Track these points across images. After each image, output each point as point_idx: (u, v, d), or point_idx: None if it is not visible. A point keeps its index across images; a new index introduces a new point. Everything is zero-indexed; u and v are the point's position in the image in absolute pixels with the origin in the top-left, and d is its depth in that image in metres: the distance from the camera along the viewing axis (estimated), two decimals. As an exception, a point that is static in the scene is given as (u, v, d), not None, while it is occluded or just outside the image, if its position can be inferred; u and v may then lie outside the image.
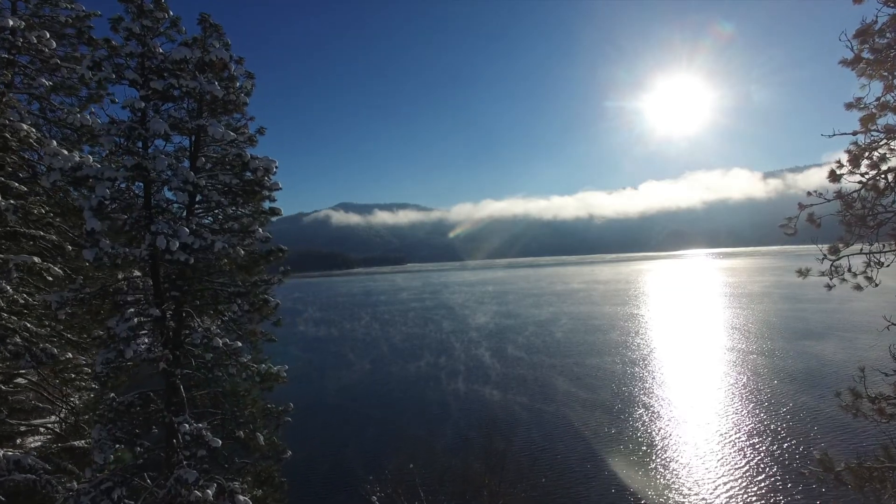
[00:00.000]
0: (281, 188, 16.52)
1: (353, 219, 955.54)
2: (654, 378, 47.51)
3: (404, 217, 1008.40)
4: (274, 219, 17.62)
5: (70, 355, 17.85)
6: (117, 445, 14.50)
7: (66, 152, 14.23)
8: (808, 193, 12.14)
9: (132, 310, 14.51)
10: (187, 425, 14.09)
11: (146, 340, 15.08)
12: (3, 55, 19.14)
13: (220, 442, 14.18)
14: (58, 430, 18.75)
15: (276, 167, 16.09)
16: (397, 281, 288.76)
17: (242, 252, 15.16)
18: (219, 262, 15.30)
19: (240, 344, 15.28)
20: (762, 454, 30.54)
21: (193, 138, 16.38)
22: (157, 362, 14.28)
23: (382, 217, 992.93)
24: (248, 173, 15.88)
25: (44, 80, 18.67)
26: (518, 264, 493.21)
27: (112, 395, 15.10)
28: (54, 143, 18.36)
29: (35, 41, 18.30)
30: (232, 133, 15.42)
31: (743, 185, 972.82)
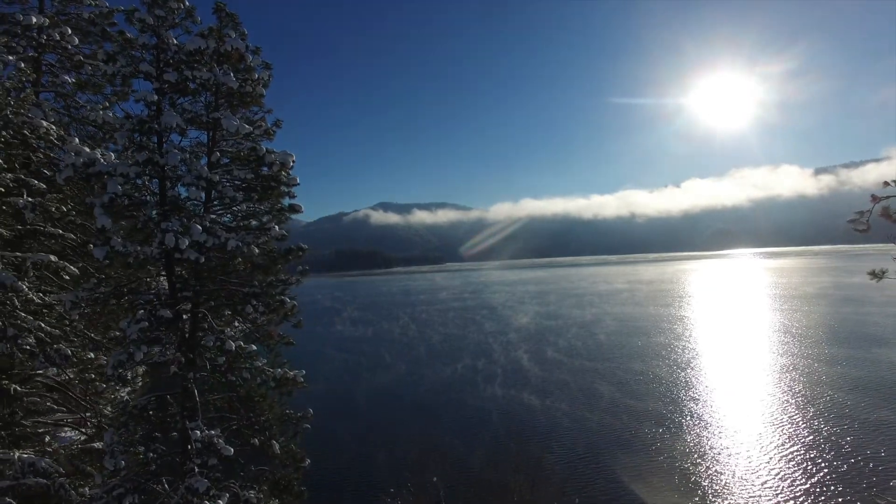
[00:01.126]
0: (299, 184, 15.72)
1: (393, 218, 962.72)
2: (705, 386, 45.04)
3: (443, 216, 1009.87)
4: (294, 216, 16.92)
5: (92, 355, 17.62)
6: (130, 449, 14.02)
7: (87, 149, 13.83)
8: (886, 184, 10.49)
9: (142, 311, 13.99)
10: (199, 432, 13.48)
11: (160, 342, 14.58)
12: (29, 53, 19.18)
13: (233, 450, 13.51)
14: (81, 431, 18.58)
15: (294, 161, 15.32)
16: (437, 280, 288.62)
17: (257, 251, 14.43)
18: (233, 262, 14.67)
19: (254, 347, 14.60)
20: (828, 474, 28.23)
21: (210, 133, 15.82)
22: (168, 365, 13.75)
23: (421, 216, 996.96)
24: (265, 168, 15.18)
25: (67, 78, 18.52)
26: (558, 263, 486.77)
27: (126, 397, 14.67)
28: (76, 140, 18.19)
29: (58, 38, 18.18)
30: (247, 126, 14.72)
31: (793, 181, 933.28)
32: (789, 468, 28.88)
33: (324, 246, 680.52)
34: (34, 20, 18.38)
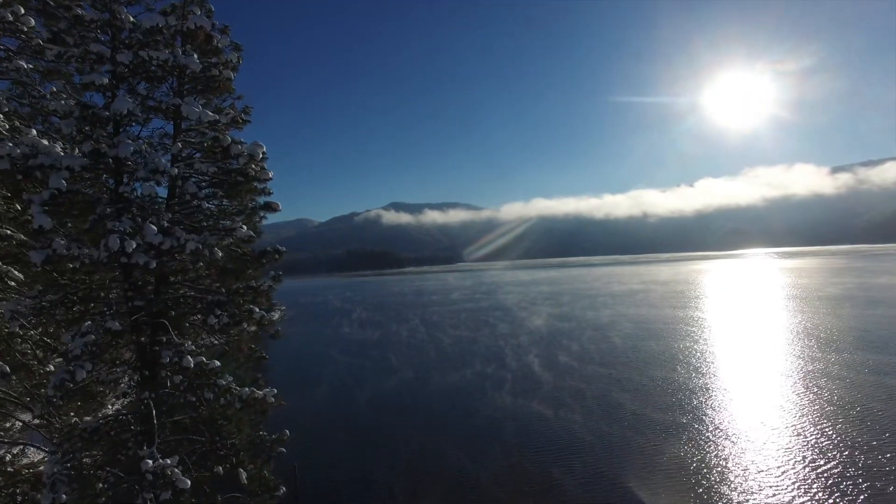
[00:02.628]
0: (271, 178, 14.00)
1: (404, 218, 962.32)
2: (731, 396, 42.46)
3: (454, 216, 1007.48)
4: (269, 215, 15.24)
5: (52, 367, 16.09)
6: (76, 481, 12.38)
7: (44, 142, 12.21)
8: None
9: (88, 322, 12.32)
10: (151, 461, 11.78)
11: (108, 358, 12.95)
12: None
13: (189, 483, 11.80)
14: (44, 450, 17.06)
15: (265, 153, 13.60)
16: (449, 280, 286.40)
17: (220, 254, 12.73)
18: (195, 266, 13.01)
19: (217, 363, 12.91)
20: (871, 498, 26.06)
21: (174, 123, 14.14)
22: (116, 384, 12.13)
23: (433, 216, 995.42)
24: (233, 162, 13.46)
25: (23, 64, 16.97)
26: (571, 263, 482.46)
27: (75, 419, 13.03)
28: (34, 132, 16.67)
29: (11, 19, 16.66)
30: (210, 114, 13.04)
31: (808, 180, 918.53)
32: (827, 487, 26.70)
33: (335, 246, 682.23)
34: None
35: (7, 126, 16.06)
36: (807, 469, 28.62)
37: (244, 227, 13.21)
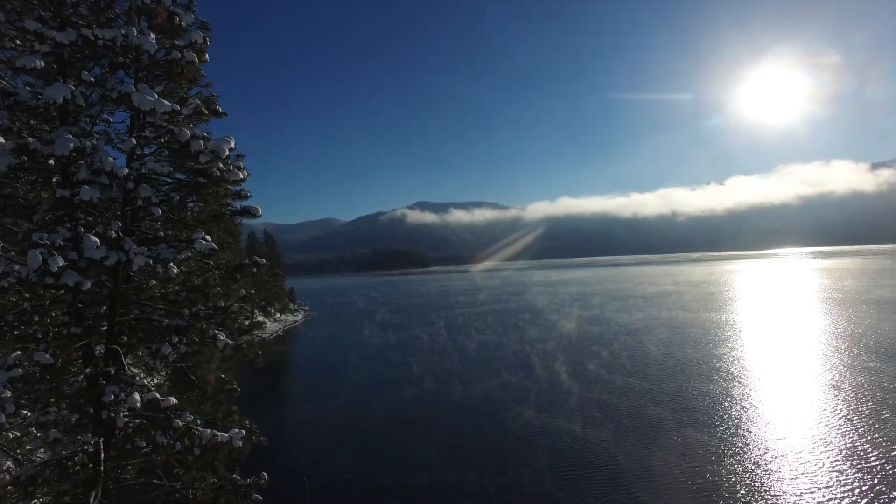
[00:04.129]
0: (243, 177, 11.77)
1: (430, 217, 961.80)
2: (783, 411, 39.01)
3: (480, 215, 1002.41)
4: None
5: None
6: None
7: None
8: None
9: (17, 353, 10.27)
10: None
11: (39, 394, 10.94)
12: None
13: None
14: None
15: (233, 149, 11.37)
16: (475, 280, 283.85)
17: (175, 270, 10.56)
18: (149, 285, 10.89)
19: (173, 401, 10.76)
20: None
21: (132, 116, 12.05)
22: (48, 428, 10.09)
23: (458, 215, 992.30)
24: (197, 161, 11.27)
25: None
26: (599, 263, 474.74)
27: (8, 465, 11.05)
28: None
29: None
30: (166, 103, 10.88)
31: (846, 177, 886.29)
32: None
33: (362, 245, 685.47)
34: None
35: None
36: (870, 497, 25.38)
37: (206, 238, 11.01)
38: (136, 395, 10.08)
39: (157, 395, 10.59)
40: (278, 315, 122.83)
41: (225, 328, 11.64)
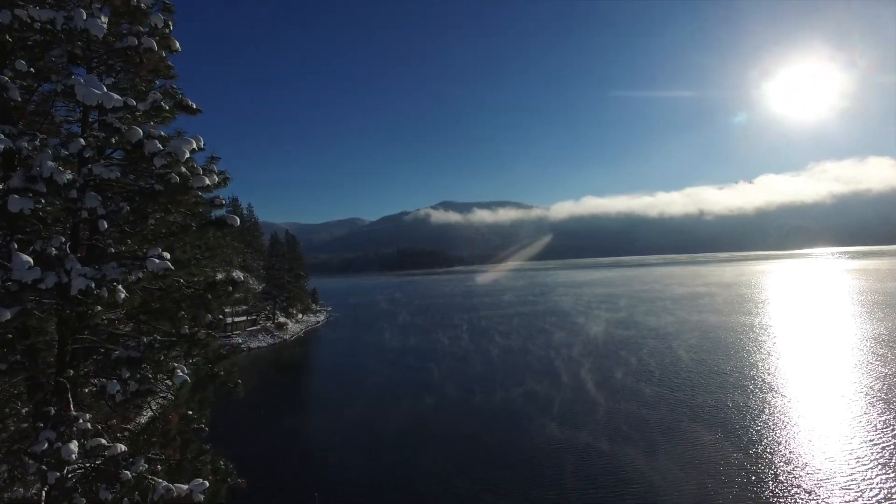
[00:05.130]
0: (211, 183, 10.02)
1: (453, 217, 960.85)
2: (827, 425, 36.13)
3: (504, 215, 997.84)
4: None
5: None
6: None
7: None
8: None
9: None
10: None
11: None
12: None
13: None
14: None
15: (195, 151, 9.62)
16: (500, 280, 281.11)
17: (124, 294, 8.85)
18: (93, 310, 9.21)
19: (122, 448, 9.07)
20: None
21: (82, 113, 10.39)
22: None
23: (482, 215, 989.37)
24: (153, 164, 9.55)
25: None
26: (625, 263, 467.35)
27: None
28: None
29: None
30: (116, 97, 9.17)
31: (883, 174, 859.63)
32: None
33: (386, 245, 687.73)
34: None
35: None
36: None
37: (164, 255, 9.27)
38: (73, 445, 8.42)
39: (104, 441, 8.91)
40: (300, 316, 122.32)
41: (188, 358, 9.95)
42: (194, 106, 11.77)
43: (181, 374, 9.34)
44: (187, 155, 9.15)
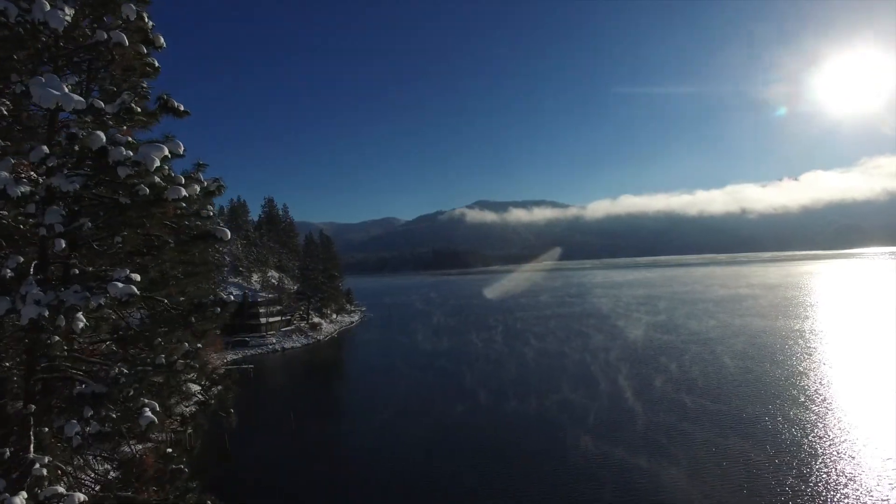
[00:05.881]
0: (189, 195, 8.83)
1: (489, 217, 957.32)
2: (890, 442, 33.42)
3: (540, 214, 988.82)
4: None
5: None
6: None
7: None
8: None
9: None
10: None
11: None
12: None
13: None
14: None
15: (169, 157, 8.46)
16: (536, 280, 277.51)
17: (82, 323, 7.73)
18: (49, 340, 8.14)
19: (82, 498, 7.96)
20: None
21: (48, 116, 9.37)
22: None
23: (517, 214, 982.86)
24: (136, 175, 8.42)
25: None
26: (664, 263, 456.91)
27: None
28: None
29: None
30: (77, 98, 8.06)
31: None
32: None
33: (422, 244, 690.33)
34: None
35: None
36: None
37: (130, 278, 8.10)
38: (19, 499, 7.33)
39: (60, 489, 7.83)
40: (334, 316, 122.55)
41: (163, 395, 8.83)
42: (182, 108, 10.66)
43: (148, 414, 8.18)
44: (157, 163, 7.99)
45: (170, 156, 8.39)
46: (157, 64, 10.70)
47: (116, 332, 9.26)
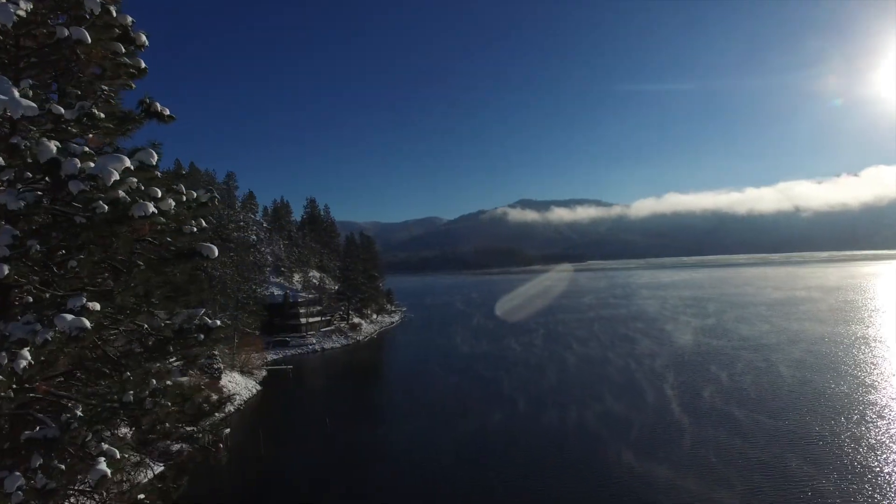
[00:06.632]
0: (152, 212, 7.76)
1: (531, 215, 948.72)
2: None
3: (583, 213, 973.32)
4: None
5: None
6: None
7: None
8: None
9: None
10: None
11: None
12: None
13: None
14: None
15: (150, 166, 7.41)
16: (579, 281, 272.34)
17: (25, 361, 6.72)
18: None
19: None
20: None
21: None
22: None
23: (560, 213, 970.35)
24: (92, 191, 7.42)
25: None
26: (711, 263, 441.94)
27: None
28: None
29: None
30: (26, 104, 7.06)
31: None
32: None
33: (463, 244, 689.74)
34: None
35: None
36: None
37: (86, 307, 7.04)
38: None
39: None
40: (374, 316, 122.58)
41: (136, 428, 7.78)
42: (167, 113, 9.66)
43: (102, 466, 7.12)
44: (116, 176, 6.94)
45: (133, 167, 7.32)
46: (143, 65, 9.76)
47: (82, 363, 8.29)
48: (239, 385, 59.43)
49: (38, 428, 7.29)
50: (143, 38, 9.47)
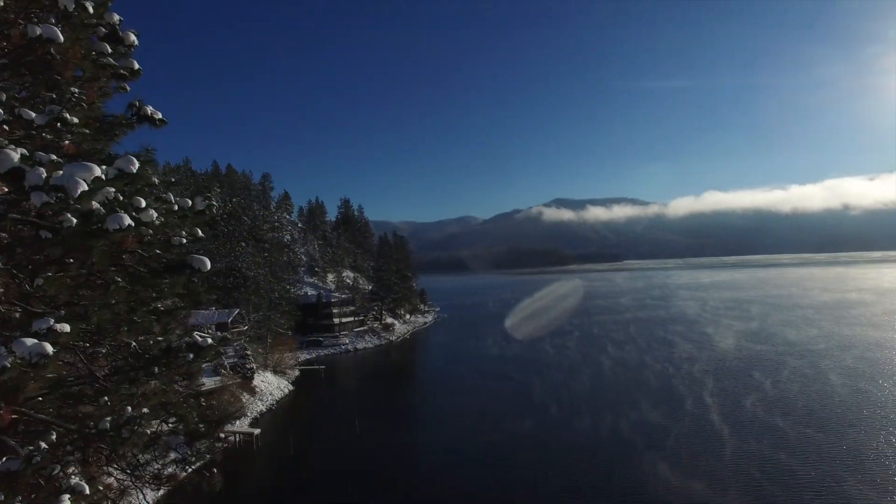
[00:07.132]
0: (128, 225, 7.12)
1: (566, 215, 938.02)
2: None
3: (619, 212, 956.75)
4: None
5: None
6: None
7: None
8: None
9: None
10: None
11: None
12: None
13: None
14: None
15: (125, 173, 6.78)
16: (616, 281, 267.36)
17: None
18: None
19: None
20: None
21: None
22: None
23: (596, 212, 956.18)
24: (57, 204, 6.83)
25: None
26: (753, 263, 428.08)
27: None
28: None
29: None
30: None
31: None
32: None
33: (498, 243, 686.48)
34: None
35: None
36: None
37: (53, 329, 6.39)
38: None
39: None
40: (407, 317, 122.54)
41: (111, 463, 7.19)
42: (159, 116, 9.08)
43: (67, 502, 6.52)
44: (83, 186, 6.33)
45: (104, 177, 6.69)
46: (136, 66, 9.22)
47: (62, 386, 7.75)
48: (271, 385, 59.89)
49: (3, 459, 6.75)
50: (133, 37, 8.93)
